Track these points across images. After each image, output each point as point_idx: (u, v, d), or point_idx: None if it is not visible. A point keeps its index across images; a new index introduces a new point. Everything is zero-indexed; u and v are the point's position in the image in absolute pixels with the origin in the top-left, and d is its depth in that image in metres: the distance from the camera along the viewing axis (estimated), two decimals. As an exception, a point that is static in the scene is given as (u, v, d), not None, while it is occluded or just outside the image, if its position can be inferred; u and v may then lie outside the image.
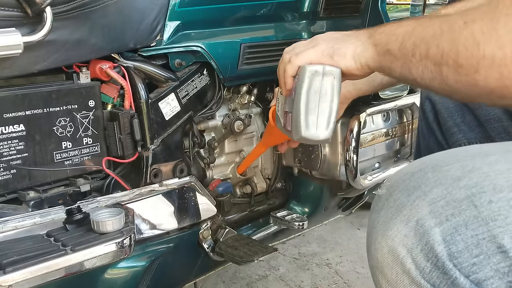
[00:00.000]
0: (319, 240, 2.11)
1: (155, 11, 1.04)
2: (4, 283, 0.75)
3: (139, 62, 1.05)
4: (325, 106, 0.81)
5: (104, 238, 0.86)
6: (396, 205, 0.61)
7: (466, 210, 0.55)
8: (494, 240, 0.53)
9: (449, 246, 0.55)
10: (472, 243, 0.54)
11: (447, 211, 0.56)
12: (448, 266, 0.55)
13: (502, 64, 0.57)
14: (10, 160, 0.91)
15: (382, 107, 1.37)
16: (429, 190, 0.58)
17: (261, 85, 1.35)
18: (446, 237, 0.55)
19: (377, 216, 0.63)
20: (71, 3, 0.89)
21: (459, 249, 0.54)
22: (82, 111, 0.99)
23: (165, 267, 1.15)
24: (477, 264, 0.54)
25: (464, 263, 0.54)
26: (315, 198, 1.46)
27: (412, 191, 0.60)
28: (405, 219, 0.58)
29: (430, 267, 0.56)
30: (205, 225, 1.20)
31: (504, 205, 0.53)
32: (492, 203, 0.54)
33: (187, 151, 1.18)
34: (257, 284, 1.80)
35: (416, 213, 0.58)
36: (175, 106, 1.12)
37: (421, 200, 0.58)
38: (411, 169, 0.64)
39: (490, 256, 0.53)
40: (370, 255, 0.64)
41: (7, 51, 0.80)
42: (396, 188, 0.62)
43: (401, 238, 0.58)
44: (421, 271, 0.57)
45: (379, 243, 0.61)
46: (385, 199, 0.63)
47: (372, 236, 0.63)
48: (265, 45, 1.25)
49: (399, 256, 0.58)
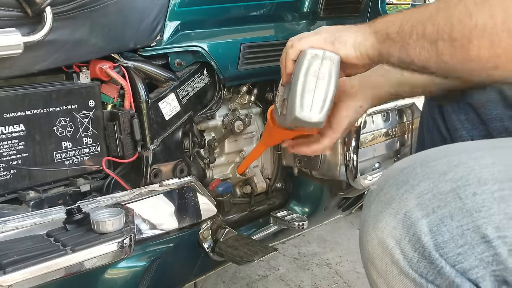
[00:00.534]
0: (319, 240, 2.11)
1: (155, 11, 1.04)
2: (4, 283, 0.75)
3: (139, 62, 1.05)
4: (321, 89, 0.83)
5: (104, 238, 0.86)
6: (385, 198, 0.63)
7: (452, 202, 0.57)
8: (478, 230, 0.55)
9: (435, 237, 0.57)
10: (457, 233, 0.56)
11: (434, 203, 0.58)
12: (434, 256, 0.57)
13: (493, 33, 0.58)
14: (10, 160, 0.91)
15: (382, 107, 1.37)
16: (417, 184, 0.60)
17: (261, 85, 1.35)
18: (433, 228, 0.57)
19: (368, 210, 0.65)
20: (71, 3, 0.89)
21: (445, 240, 0.56)
22: (82, 111, 0.99)
23: (165, 267, 1.15)
24: (462, 253, 0.56)
25: (449, 253, 0.56)
26: (315, 198, 1.46)
27: (401, 185, 0.62)
28: (394, 212, 0.61)
29: (417, 257, 0.58)
30: (205, 225, 1.20)
31: (488, 197, 0.55)
32: (476, 195, 0.56)
33: (187, 151, 1.18)
34: (257, 284, 1.80)
35: (404, 206, 0.60)
36: (175, 106, 1.12)
37: (409, 194, 0.60)
38: (401, 164, 0.66)
39: (475, 246, 0.55)
40: (362, 248, 0.66)
41: (7, 51, 0.80)
42: (386, 183, 0.64)
43: (390, 230, 0.60)
44: (409, 261, 0.59)
45: (370, 235, 0.63)
46: (376, 193, 0.65)
47: (364, 229, 0.65)
48: (265, 45, 1.25)
49: (388, 247, 0.60)
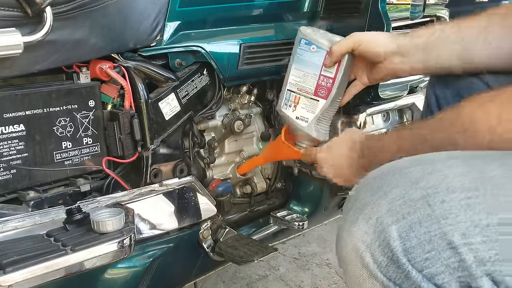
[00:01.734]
0: (319, 240, 2.11)
1: (155, 11, 1.04)
2: (4, 283, 0.75)
3: (139, 62, 1.05)
4: None
5: (104, 238, 0.86)
6: (360, 204, 0.65)
7: (421, 209, 0.59)
8: (445, 237, 0.56)
9: (404, 242, 0.59)
10: (424, 239, 0.57)
11: (404, 209, 0.60)
12: (402, 261, 0.58)
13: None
14: (10, 160, 0.91)
15: (382, 107, 1.37)
16: (389, 190, 0.62)
17: (261, 85, 1.35)
18: (402, 233, 0.59)
19: (346, 215, 0.67)
20: (71, 3, 0.89)
21: (413, 245, 0.58)
22: (82, 111, 0.99)
23: (165, 267, 1.15)
24: (429, 259, 0.57)
25: (417, 258, 0.58)
26: (315, 198, 1.46)
27: (375, 191, 0.64)
28: (366, 217, 0.63)
29: (386, 262, 0.60)
30: (205, 225, 1.20)
31: (456, 204, 0.57)
32: (444, 202, 0.57)
33: (187, 151, 1.18)
34: (257, 284, 1.80)
35: (376, 212, 0.62)
36: (175, 106, 1.12)
37: (382, 200, 0.62)
38: (378, 172, 0.68)
39: (441, 252, 0.56)
40: (337, 251, 0.68)
41: (7, 51, 0.80)
42: (362, 189, 0.67)
43: (361, 234, 0.62)
44: (378, 265, 0.61)
45: (345, 240, 0.65)
46: (354, 199, 0.67)
47: (340, 234, 0.67)
48: (265, 45, 1.25)
49: (359, 251, 0.62)
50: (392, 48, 1.01)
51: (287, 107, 1.15)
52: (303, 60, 1.11)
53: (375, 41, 1.03)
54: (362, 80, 1.12)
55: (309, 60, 1.10)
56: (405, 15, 1.33)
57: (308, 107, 1.12)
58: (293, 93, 1.13)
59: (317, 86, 1.10)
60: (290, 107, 1.14)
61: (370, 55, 1.04)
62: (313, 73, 1.10)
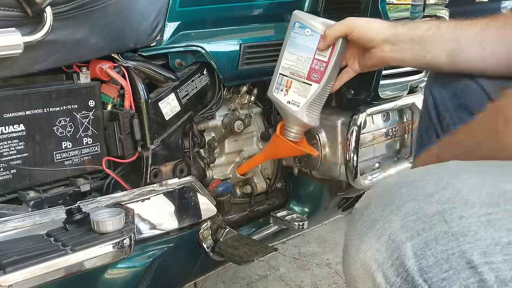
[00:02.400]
0: (319, 240, 2.11)
1: (155, 11, 1.04)
2: (4, 283, 0.75)
3: (139, 62, 1.05)
4: None
5: (104, 238, 0.86)
6: (370, 219, 0.61)
7: (437, 225, 0.55)
8: (464, 255, 0.53)
9: (419, 261, 0.55)
10: (442, 258, 0.54)
11: (419, 225, 0.56)
12: (418, 281, 0.55)
13: None
14: (10, 160, 0.91)
15: (382, 107, 1.37)
16: (402, 205, 0.58)
17: (261, 85, 1.35)
18: (417, 251, 0.55)
19: (354, 229, 0.63)
20: (71, 3, 0.89)
21: (429, 264, 0.54)
22: (82, 111, 0.99)
23: (165, 267, 1.15)
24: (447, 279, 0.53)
25: (434, 278, 0.54)
26: (315, 198, 1.46)
27: (386, 206, 0.60)
28: (378, 234, 0.59)
29: (400, 282, 0.56)
30: (205, 225, 1.20)
31: (475, 221, 0.53)
32: (462, 218, 0.54)
33: (187, 151, 1.18)
34: (257, 284, 1.80)
35: (388, 228, 0.58)
36: (175, 106, 1.12)
37: (394, 215, 0.58)
38: (388, 184, 0.64)
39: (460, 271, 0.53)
40: (345, 268, 0.64)
41: (7, 51, 0.80)
42: (371, 202, 0.63)
43: (373, 252, 0.59)
44: (391, 285, 0.57)
45: (353, 257, 0.61)
46: (361, 212, 0.64)
47: (347, 249, 0.63)
48: (265, 45, 1.25)
49: (370, 270, 0.58)
50: (385, 36, 1.00)
51: (279, 91, 1.14)
52: (297, 44, 1.10)
53: (369, 27, 1.03)
54: (354, 67, 1.12)
55: (303, 43, 1.10)
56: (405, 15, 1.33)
57: (300, 91, 1.11)
58: (285, 77, 1.12)
59: (310, 69, 1.09)
60: (282, 91, 1.13)
61: (363, 41, 1.04)
62: (307, 56, 1.09)
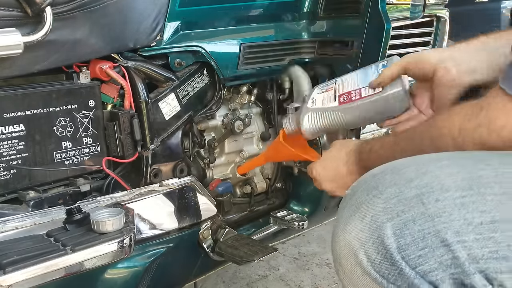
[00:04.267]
0: (319, 240, 2.11)
1: (155, 11, 1.04)
2: (4, 283, 0.75)
3: (139, 62, 1.05)
4: None
5: (104, 238, 0.86)
6: (356, 203, 0.66)
7: (415, 207, 0.60)
8: (438, 234, 0.57)
9: (398, 240, 0.60)
10: (418, 237, 0.59)
11: (398, 207, 0.61)
12: (396, 258, 0.60)
13: None
14: (10, 160, 0.91)
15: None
16: (385, 189, 0.63)
17: (261, 85, 1.35)
18: (396, 231, 0.60)
19: (341, 213, 0.68)
20: (71, 3, 0.89)
21: (407, 242, 0.59)
22: (82, 111, 0.99)
23: (165, 267, 1.15)
24: (423, 256, 0.58)
25: (411, 255, 0.59)
26: (315, 198, 1.46)
27: (371, 190, 0.65)
28: (361, 215, 0.64)
29: (380, 259, 0.61)
30: (205, 225, 1.20)
31: (449, 203, 0.58)
32: (438, 201, 0.59)
33: (187, 151, 1.18)
34: (257, 284, 1.80)
35: (371, 210, 0.63)
36: (175, 106, 1.12)
37: (377, 198, 0.63)
38: (374, 171, 0.69)
39: (435, 249, 0.58)
40: (332, 249, 0.69)
41: (7, 51, 0.80)
42: (358, 188, 0.68)
43: (357, 232, 0.64)
44: (372, 262, 0.62)
45: (339, 237, 0.67)
46: (349, 198, 0.69)
47: (335, 231, 0.68)
48: (265, 45, 1.25)
49: (353, 248, 0.64)
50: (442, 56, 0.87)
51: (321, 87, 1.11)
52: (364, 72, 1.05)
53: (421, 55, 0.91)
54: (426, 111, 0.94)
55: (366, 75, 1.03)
56: (405, 15, 1.33)
57: (325, 99, 1.07)
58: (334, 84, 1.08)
59: (347, 92, 1.04)
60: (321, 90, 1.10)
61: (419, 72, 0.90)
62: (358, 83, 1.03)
